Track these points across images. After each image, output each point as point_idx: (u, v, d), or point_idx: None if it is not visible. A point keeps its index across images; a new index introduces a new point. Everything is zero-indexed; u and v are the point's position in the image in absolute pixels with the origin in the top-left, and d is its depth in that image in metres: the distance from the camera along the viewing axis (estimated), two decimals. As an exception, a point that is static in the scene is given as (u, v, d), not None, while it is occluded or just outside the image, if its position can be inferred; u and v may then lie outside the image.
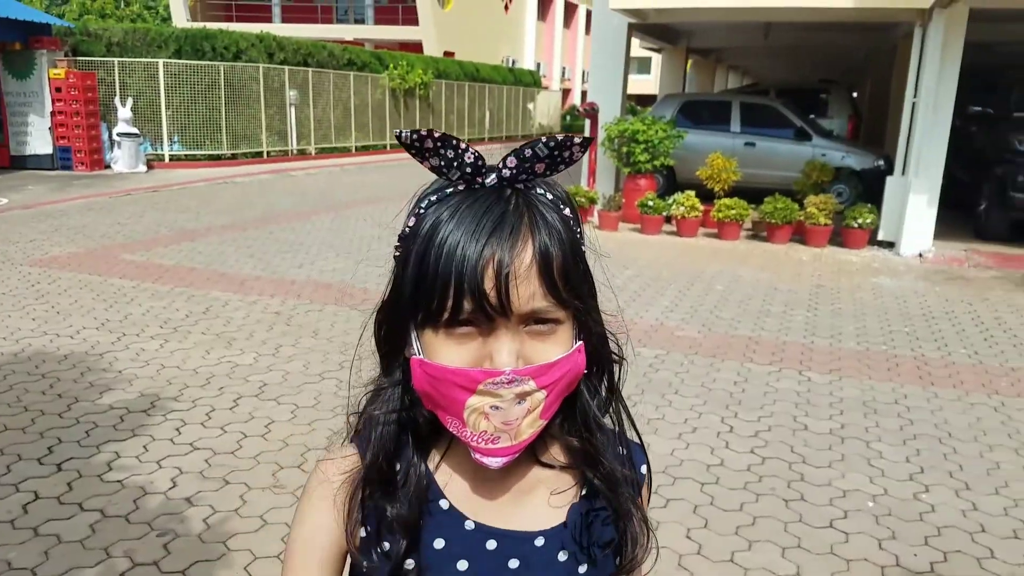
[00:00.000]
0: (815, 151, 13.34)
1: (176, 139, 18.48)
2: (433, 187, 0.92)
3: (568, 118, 41.47)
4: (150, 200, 13.29)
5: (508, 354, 0.85)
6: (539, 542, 0.97)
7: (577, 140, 0.86)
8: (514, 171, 0.88)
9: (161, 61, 17.89)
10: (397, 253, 0.92)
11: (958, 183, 12.03)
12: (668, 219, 11.45)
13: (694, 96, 16.52)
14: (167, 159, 18.33)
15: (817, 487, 4.08)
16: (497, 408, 0.86)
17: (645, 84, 43.81)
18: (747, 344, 6.42)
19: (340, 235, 10.73)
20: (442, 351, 0.87)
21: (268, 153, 20.35)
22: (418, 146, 0.86)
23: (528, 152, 0.87)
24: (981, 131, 12.04)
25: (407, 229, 0.91)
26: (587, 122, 12.35)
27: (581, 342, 0.93)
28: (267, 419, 4.67)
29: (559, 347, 0.89)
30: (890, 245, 10.71)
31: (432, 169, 0.89)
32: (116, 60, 17.55)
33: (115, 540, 3.38)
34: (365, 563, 0.97)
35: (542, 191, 0.91)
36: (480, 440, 0.88)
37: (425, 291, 0.86)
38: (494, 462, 0.89)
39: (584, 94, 13.15)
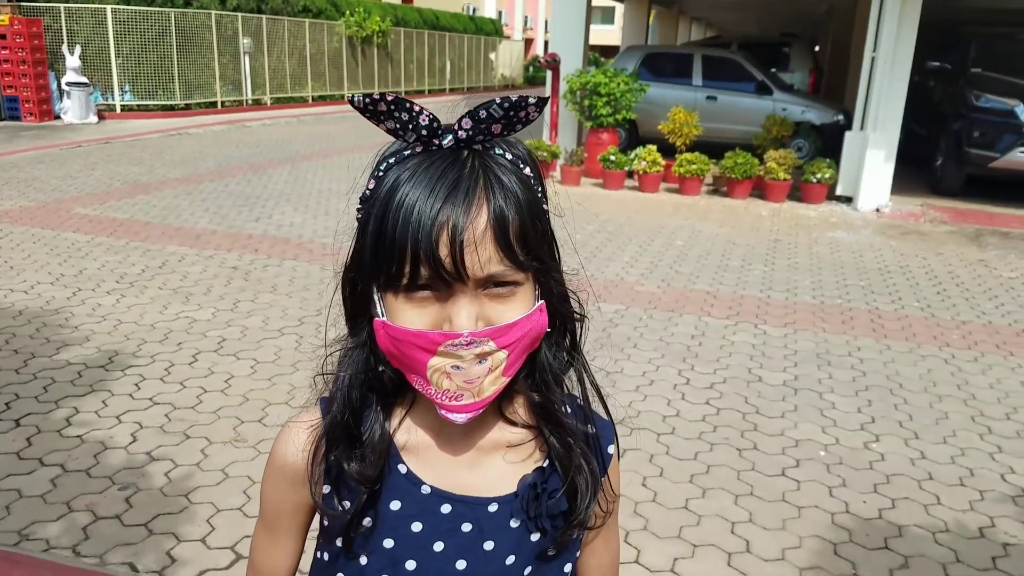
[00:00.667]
0: (776, 105, 13.37)
1: (127, 89, 18.05)
2: (392, 149, 0.92)
3: (531, 69, 41.10)
4: (102, 152, 13.01)
5: (467, 318, 0.86)
6: (492, 508, 0.99)
7: (532, 100, 0.85)
8: (470, 132, 0.87)
9: (109, 7, 17.35)
10: (359, 216, 0.93)
11: (916, 138, 12.17)
12: (630, 174, 11.47)
13: (656, 48, 16.43)
14: (119, 109, 17.93)
15: (770, 437, 4.18)
16: (458, 368, 0.87)
17: (609, 35, 43.58)
18: (705, 298, 6.50)
19: (297, 188, 10.61)
20: (403, 314, 0.88)
21: (222, 103, 19.97)
22: (372, 110, 0.86)
23: (483, 113, 0.86)
24: (939, 86, 12.15)
25: (367, 192, 0.91)
26: (549, 73, 12.25)
27: (543, 302, 0.93)
28: (227, 374, 4.66)
29: (519, 308, 0.90)
30: (848, 200, 10.83)
31: (389, 132, 0.89)
32: (62, 6, 17.00)
33: (76, 494, 3.38)
34: (328, 513, 1.00)
35: (501, 151, 0.90)
36: (444, 397, 0.90)
37: (384, 256, 0.87)
38: (459, 418, 0.91)
39: (547, 44, 13.11)
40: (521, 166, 0.91)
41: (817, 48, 22.33)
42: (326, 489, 1.00)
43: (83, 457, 3.67)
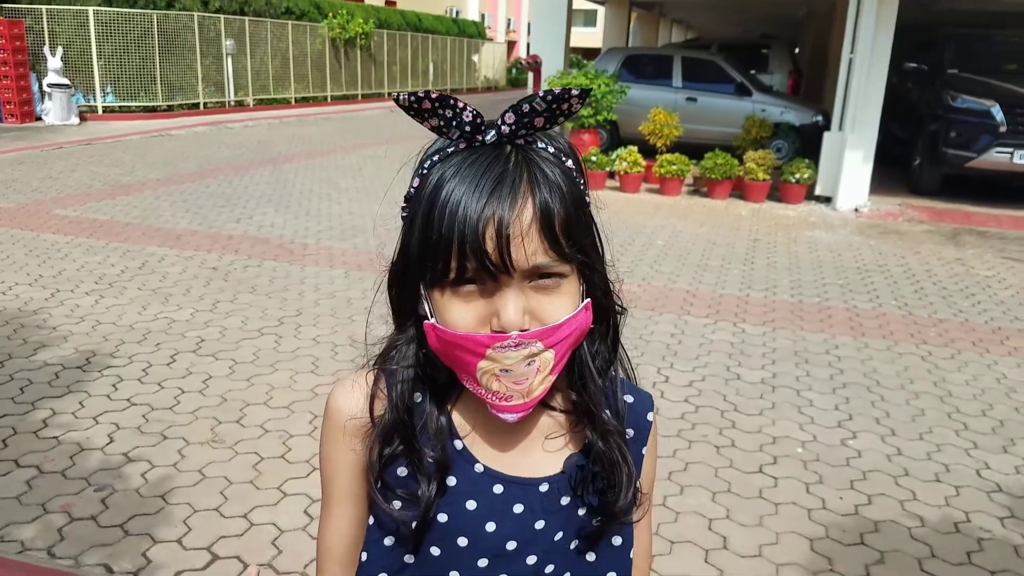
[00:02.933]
0: (755, 106, 13.46)
1: (109, 90, 17.95)
2: (435, 146, 0.93)
3: (514, 71, 41.13)
4: (83, 153, 12.93)
5: (514, 311, 0.87)
6: (543, 488, 1.01)
7: (575, 92, 0.86)
8: (513, 127, 0.88)
9: (91, 9, 17.28)
10: (404, 214, 0.94)
11: (894, 139, 12.27)
12: (611, 174, 11.52)
13: (637, 50, 16.50)
14: (100, 111, 17.82)
15: (748, 434, 4.20)
16: (507, 371, 0.89)
17: (591, 37, 43.62)
18: (684, 297, 6.53)
19: (279, 189, 10.58)
20: (450, 310, 0.90)
21: (205, 105, 19.90)
22: (416, 108, 0.87)
23: (526, 107, 0.87)
24: (916, 88, 12.26)
25: (412, 190, 0.93)
26: (531, 75, 12.28)
27: (589, 300, 0.95)
28: (205, 375, 4.64)
29: (565, 301, 0.91)
30: (827, 200, 10.91)
31: (433, 129, 0.90)
32: (44, 8, 16.93)
33: (52, 496, 3.36)
34: (392, 512, 1.00)
35: (543, 145, 0.91)
36: (494, 398, 0.92)
37: (431, 253, 0.88)
38: (510, 417, 0.93)
39: (529, 46, 13.20)
40: (563, 159, 0.92)
41: (797, 50, 22.44)
42: (380, 483, 1.00)
43: (59, 458, 3.66)
